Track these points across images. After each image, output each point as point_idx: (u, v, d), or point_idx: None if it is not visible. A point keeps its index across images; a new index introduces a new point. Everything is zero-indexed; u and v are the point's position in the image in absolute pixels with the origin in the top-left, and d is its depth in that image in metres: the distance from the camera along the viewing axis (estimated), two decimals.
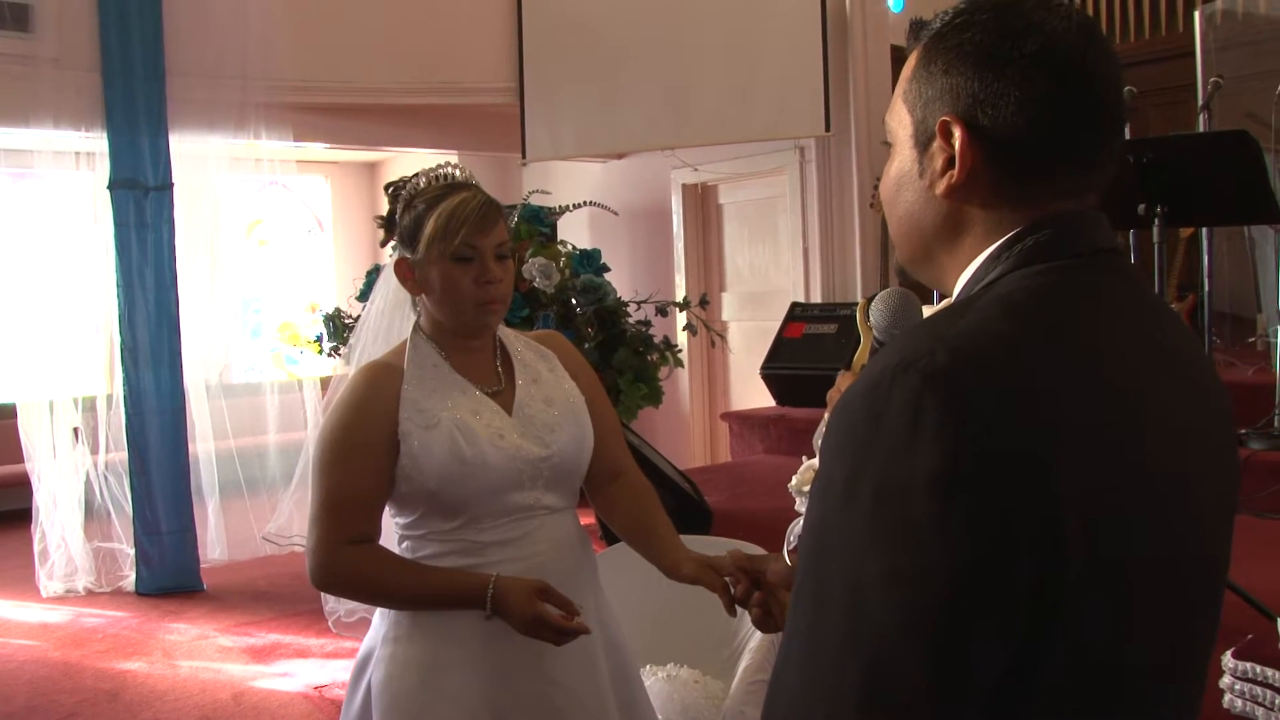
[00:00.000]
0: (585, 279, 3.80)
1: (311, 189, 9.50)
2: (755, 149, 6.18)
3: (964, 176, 0.89)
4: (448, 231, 1.70)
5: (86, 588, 5.57)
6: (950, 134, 0.89)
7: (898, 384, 0.75)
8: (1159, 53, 5.62)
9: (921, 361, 0.75)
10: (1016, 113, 0.86)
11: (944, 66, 0.90)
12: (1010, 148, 0.87)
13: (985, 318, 0.81)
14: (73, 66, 5.25)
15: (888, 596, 0.72)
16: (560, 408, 1.83)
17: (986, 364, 0.76)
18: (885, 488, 0.73)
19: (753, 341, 5.92)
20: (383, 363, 1.79)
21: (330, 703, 3.96)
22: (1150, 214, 3.38)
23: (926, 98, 0.91)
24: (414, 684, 1.71)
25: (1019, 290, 0.84)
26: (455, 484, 1.70)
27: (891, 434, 0.74)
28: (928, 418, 0.73)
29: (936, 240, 0.94)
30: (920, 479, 0.72)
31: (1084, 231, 0.89)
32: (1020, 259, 0.87)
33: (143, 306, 5.43)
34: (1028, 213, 0.89)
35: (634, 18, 5.81)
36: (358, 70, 5.85)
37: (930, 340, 0.78)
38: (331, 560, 1.70)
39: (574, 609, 1.67)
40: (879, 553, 0.72)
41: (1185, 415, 0.86)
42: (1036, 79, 0.86)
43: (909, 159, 0.94)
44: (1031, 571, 0.72)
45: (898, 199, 0.96)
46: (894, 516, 0.72)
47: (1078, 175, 0.90)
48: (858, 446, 0.76)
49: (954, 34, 0.90)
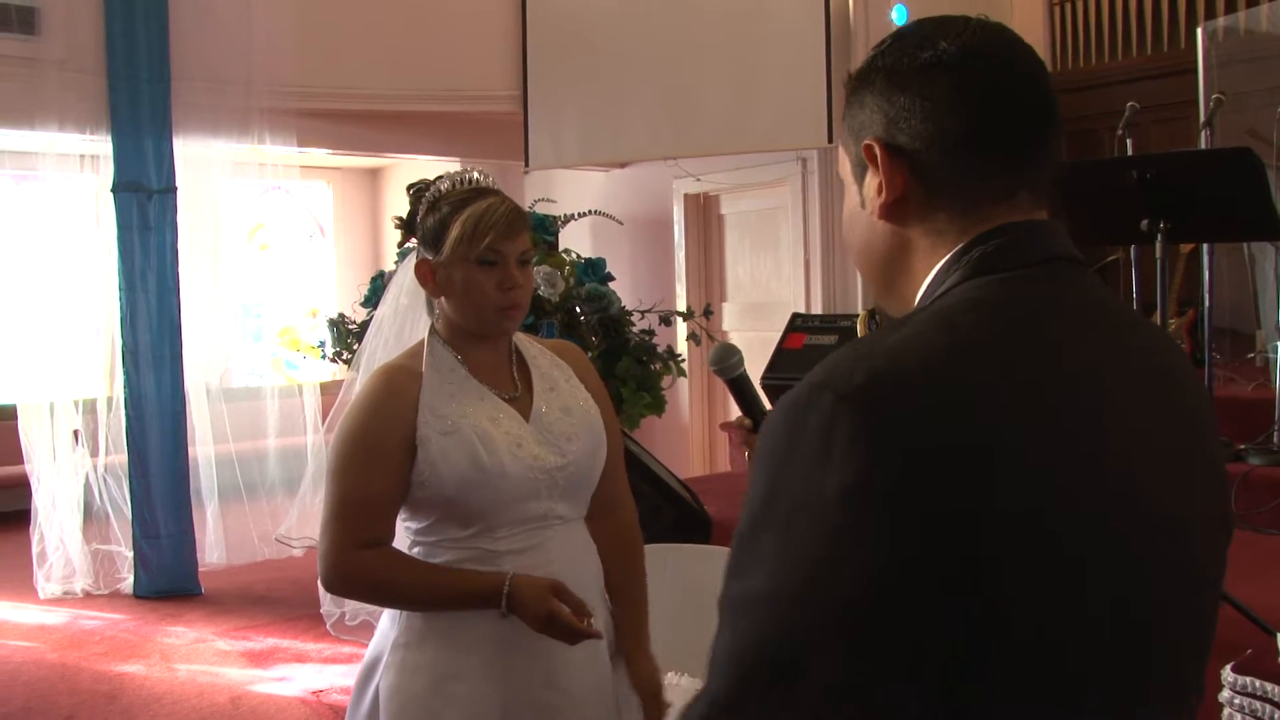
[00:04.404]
0: (590, 288, 3.81)
1: (313, 194, 9.51)
2: (757, 160, 6.19)
3: (892, 195, 0.89)
4: (475, 235, 1.71)
5: (84, 590, 5.56)
6: (875, 157, 0.90)
7: (814, 403, 0.75)
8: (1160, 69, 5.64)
9: (839, 380, 0.75)
10: (926, 121, 0.87)
11: (860, 99, 0.92)
12: (929, 157, 0.88)
13: (916, 333, 0.80)
14: (78, 69, 5.26)
15: (798, 612, 0.72)
16: (577, 417, 1.82)
17: (903, 381, 0.75)
18: (800, 505, 0.73)
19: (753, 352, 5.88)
20: (400, 365, 1.79)
21: (328, 708, 3.96)
22: (1153, 230, 3.39)
23: (855, 131, 0.93)
24: (423, 690, 1.71)
25: (957, 303, 0.84)
26: (473, 491, 1.69)
27: (806, 452, 0.74)
28: (840, 436, 0.73)
29: (890, 267, 0.94)
30: (832, 496, 0.72)
31: (1033, 241, 0.88)
32: (968, 271, 0.86)
33: (144, 309, 5.44)
34: (968, 224, 0.88)
35: (638, 28, 5.83)
36: (362, 76, 5.87)
37: (853, 359, 0.78)
38: (345, 563, 1.70)
39: (586, 611, 1.68)
40: (794, 569, 0.72)
41: (1145, 424, 0.84)
42: (938, 83, 0.87)
43: (852, 196, 0.96)
44: (951, 593, 0.71)
45: (852, 236, 0.98)
46: (808, 534, 0.72)
47: (1006, 175, 0.88)
48: (776, 464, 0.76)
49: (866, 68, 0.93)
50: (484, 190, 1.78)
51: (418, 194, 1.83)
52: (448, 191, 1.78)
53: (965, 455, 0.73)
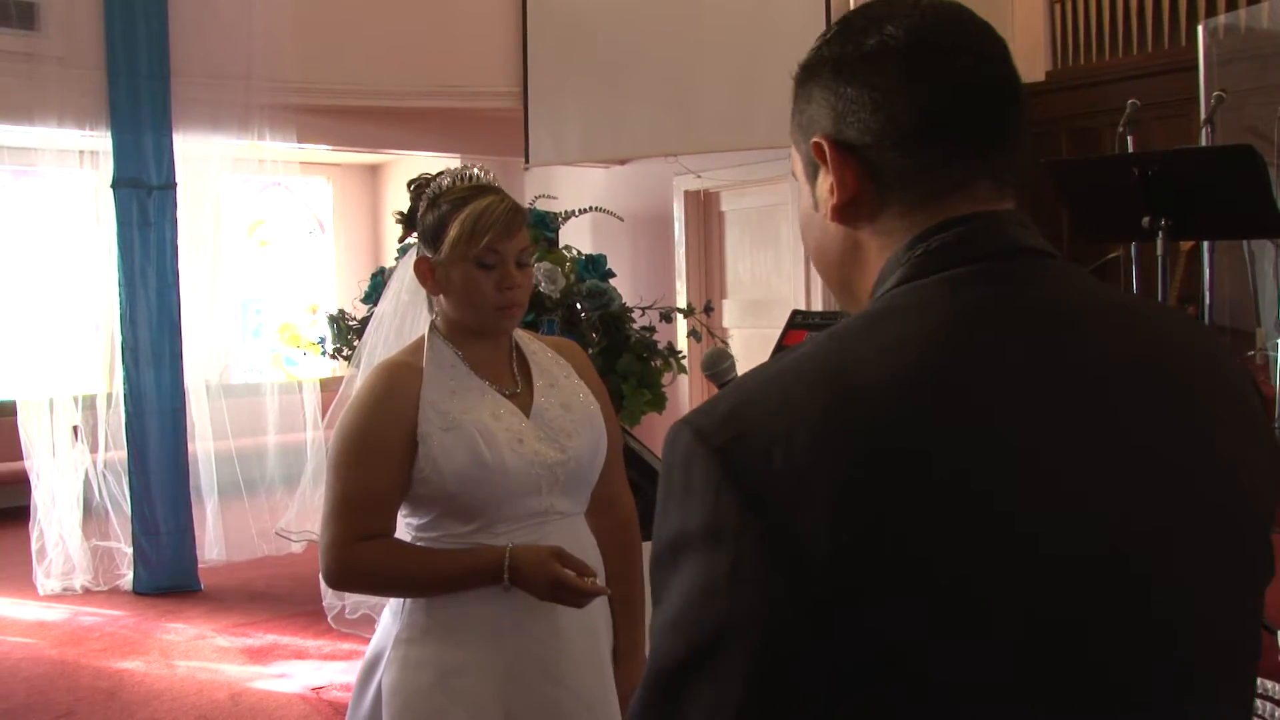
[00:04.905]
0: (591, 284, 3.80)
1: (313, 190, 9.50)
2: (758, 156, 6.18)
3: (844, 195, 0.83)
4: (474, 235, 1.71)
5: (84, 586, 5.56)
6: (824, 155, 0.84)
7: (678, 440, 0.73)
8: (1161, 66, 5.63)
9: (699, 417, 0.73)
10: (875, 112, 0.81)
11: (808, 93, 0.86)
12: (879, 151, 0.81)
13: (802, 354, 0.75)
14: (78, 65, 5.26)
15: (667, 643, 0.72)
16: (577, 413, 1.83)
17: (748, 417, 0.72)
18: (674, 542, 0.73)
19: (753, 349, 5.93)
20: (400, 361, 1.79)
21: (328, 704, 3.96)
22: (1154, 227, 3.39)
23: (803, 128, 0.87)
24: (427, 685, 1.71)
25: (865, 316, 0.79)
26: (474, 487, 1.70)
27: (674, 491, 0.73)
28: (696, 473, 0.71)
29: (845, 270, 0.88)
30: (694, 536, 0.71)
31: (986, 234, 0.80)
32: (907, 272, 0.80)
33: (144, 305, 5.44)
34: (918, 219, 0.81)
35: (639, 24, 5.82)
36: (362, 72, 5.87)
37: (726, 391, 0.76)
38: (346, 556, 1.71)
39: (589, 570, 1.69)
40: (673, 600, 0.72)
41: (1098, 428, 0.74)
42: (885, 70, 0.81)
43: (805, 197, 0.90)
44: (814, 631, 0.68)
45: (808, 239, 0.92)
46: (678, 571, 0.72)
47: (964, 165, 0.81)
48: (659, 502, 0.75)
49: (811, 60, 0.87)
50: (484, 188, 1.77)
51: (418, 190, 1.83)
52: (448, 188, 1.78)
53: (805, 487, 0.68)
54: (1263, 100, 4.70)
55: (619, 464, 1.97)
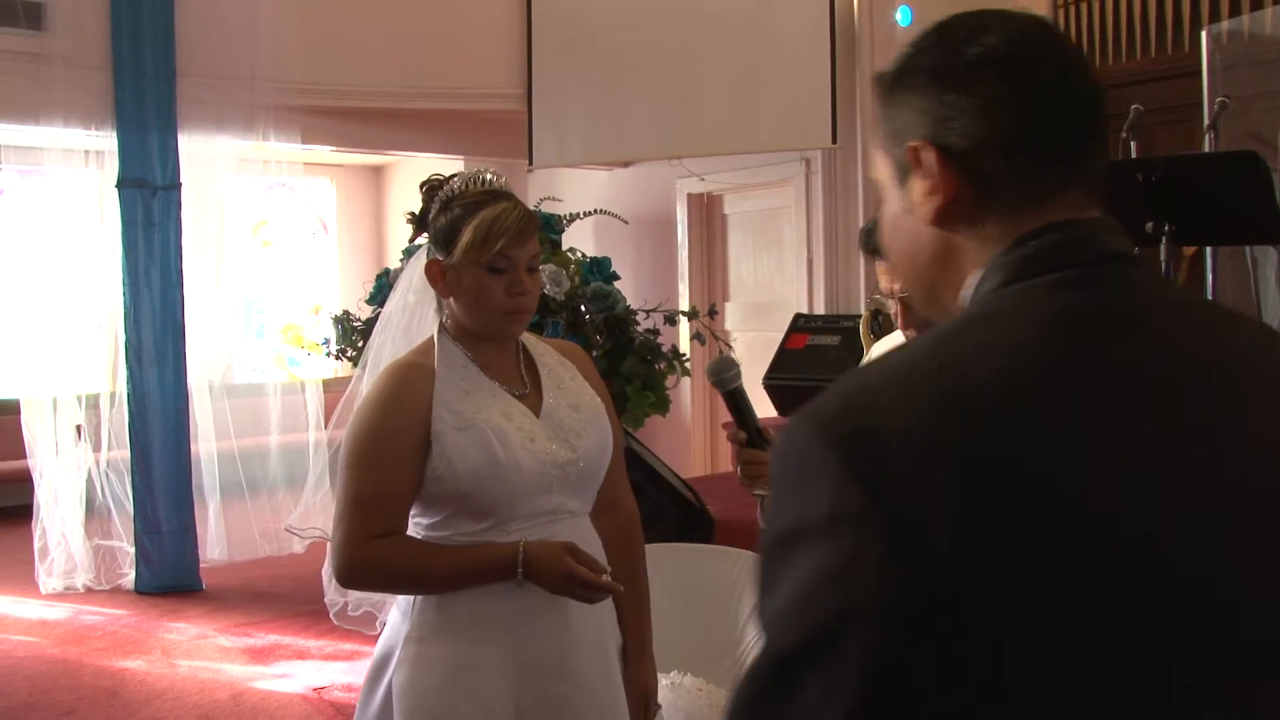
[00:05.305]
0: (595, 286, 3.81)
1: (317, 191, 9.51)
2: (761, 160, 6.19)
3: (945, 198, 0.86)
4: (487, 240, 1.72)
5: (86, 585, 5.57)
6: (920, 159, 0.87)
7: (796, 434, 0.75)
8: (1165, 71, 5.63)
9: (816, 411, 0.75)
10: (977, 119, 0.84)
11: (901, 99, 0.89)
12: (980, 158, 0.84)
13: (910, 354, 0.79)
14: (84, 65, 5.27)
15: (779, 634, 0.73)
16: (585, 413, 1.85)
17: (869, 410, 0.74)
18: (790, 533, 0.74)
19: (755, 352, 5.92)
20: (412, 362, 1.80)
21: (330, 705, 3.97)
22: (1158, 232, 3.39)
23: (896, 133, 0.90)
24: (439, 684, 1.72)
25: (965, 318, 0.82)
26: (488, 486, 1.71)
27: (791, 484, 0.75)
28: (816, 465, 0.73)
29: (936, 273, 0.91)
30: (814, 527, 0.72)
31: (1082, 240, 0.83)
32: (1005, 276, 0.83)
33: (148, 305, 5.45)
34: (1015, 224, 0.84)
35: (643, 27, 5.83)
36: (366, 74, 5.88)
37: (837, 387, 0.78)
38: (359, 555, 1.72)
39: (601, 566, 1.71)
40: (785, 595, 0.73)
41: (1195, 427, 0.76)
42: (988, 79, 0.84)
43: (895, 200, 0.92)
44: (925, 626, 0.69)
45: (895, 242, 0.94)
46: (793, 564, 0.73)
47: (1059, 173, 0.85)
48: (774, 489, 0.77)
49: (904, 67, 0.89)
50: (497, 193, 1.79)
51: (430, 191, 1.84)
52: (461, 192, 1.79)
53: (924, 483, 0.71)
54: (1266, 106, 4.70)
55: (621, 466, 1.99)
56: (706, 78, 5.70)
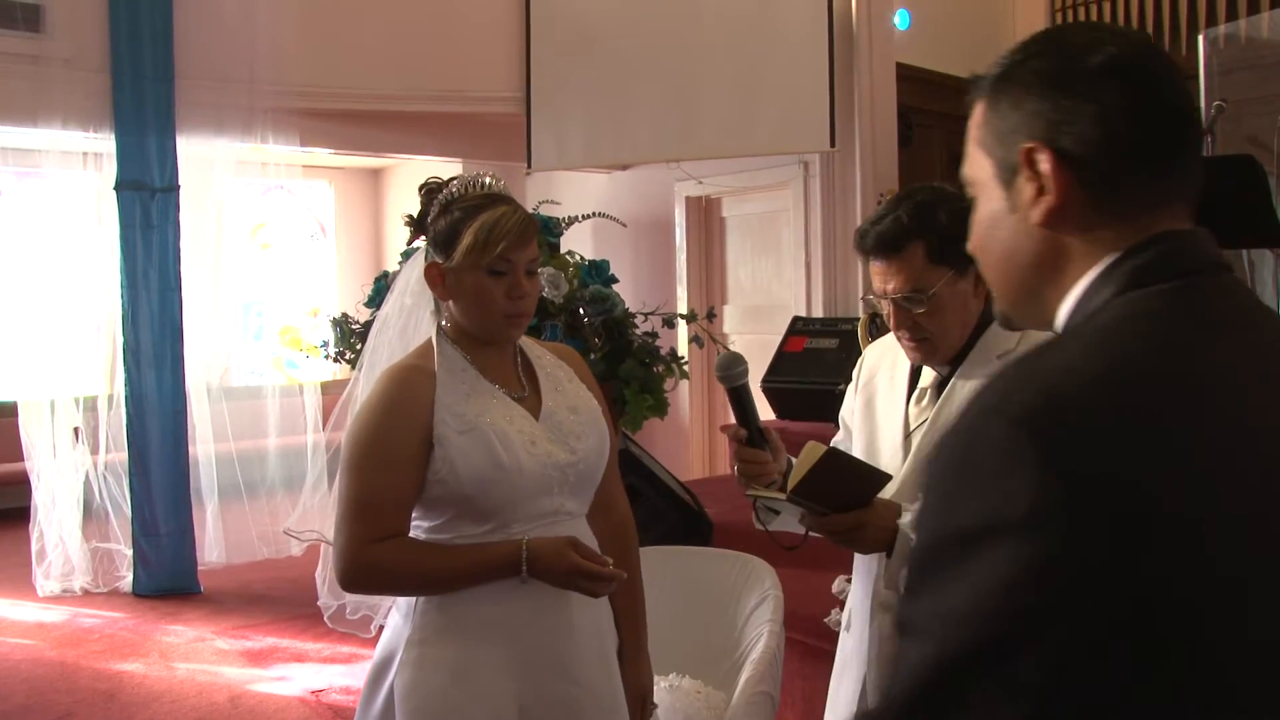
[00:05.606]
0: (594, 289, 3.81)
1: (315, 194, 9.52)
2: (759, 163, 6.20)
3: (1057, 199, 0.88)
4: (487, 244, 1.72)
5: (83, 588, 5.57)
6: (1035, 161, 0.88)
7: (988, 427, 0.75)
8: None
9: (1010, 405, 0.75)
10: (1094, 127, 0.86)
11: (1013, 100, 0.91)
12: (1095, 163, 0.87)
13: (1081, 352, 0.80)
14: (82, 67, 5.27)
15: (959, 633, 0.73)
16: (584, 415, 1.86)
17: (1071, 404, 0.75)
18: (979, 530, 0.73)
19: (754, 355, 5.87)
20: (412, 365, 1.80)
21: (327, 707, 3.97)
22: None
23: (1002, 134, 0.91)
24: (442, 685, 1.72)
25: (1117, 320, 0.83)
26: (490, 488, 1.72)
27: (981, 478, 0.74)
28: (1015, 461, 0.73)
29: (1038, 274, 0.92)
30: (1010, 524, 0.72)
31: (1189, 250, 0.87)
32: (1124, 283, 0.86)
33: (146, 307, 5.45)
34: (1125, 231, 0.87)
35: (642, 30, 5.84)
36: (365, 77, 5.88)
37: (1020, 380, 0.78)
38: (362, 558, 1.72)
39: (603, 559, 1.73)
40: (974, 591, 0.72)
41: None
42: (1108, 90, 0.87)
43: (996, 199, 0.94)
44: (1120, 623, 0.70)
45: (992, 241, 0.95)
46: (988, 559, 0.72)
47: (1164, 183, 0.88)
48: (952, 488, 0.77)
49: (1017, 69, 0.91)
50: (497, 197, 1.79)
51: (430, 194, 1.84)
52: (460, 195, 1.79)
53: (1135, 482, 0.72)
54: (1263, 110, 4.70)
55: (615, 468, 2.00)
56: (705, 81, 5.70)
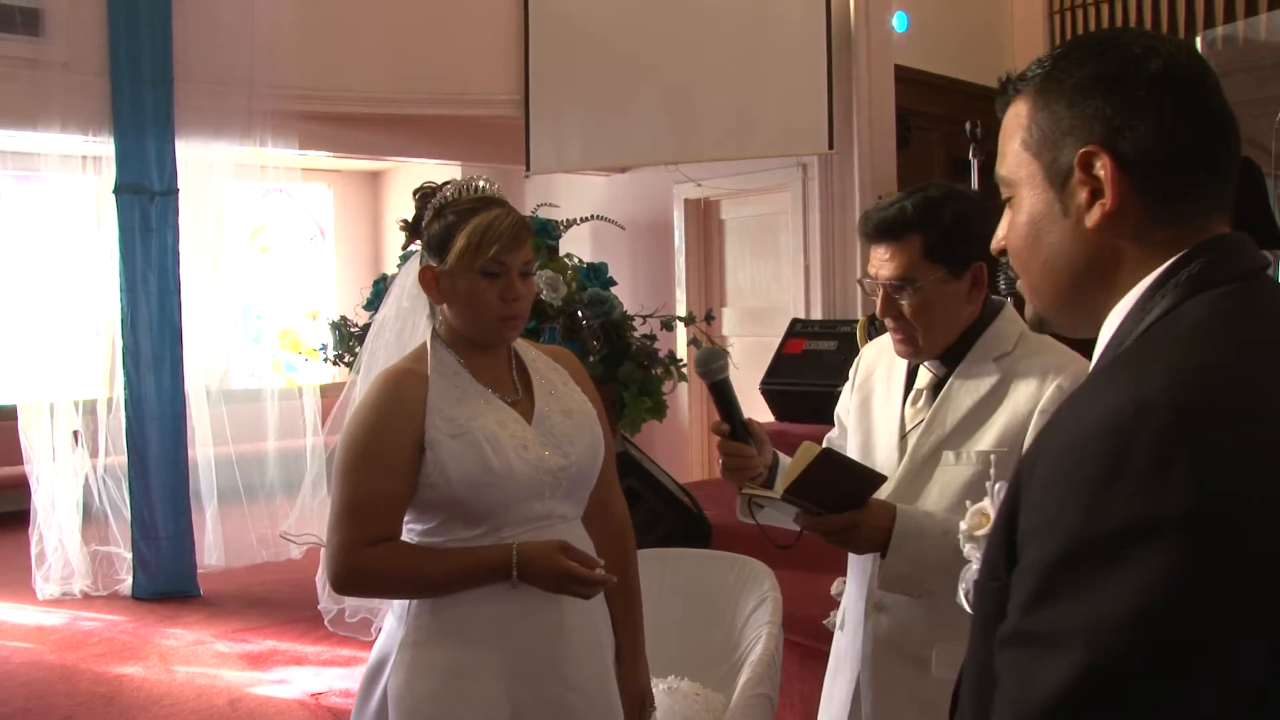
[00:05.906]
0: (593, 292, 3.82)
1: (314, 197, 9.52)
2: (758, 165, 6.20)
3: (1114, 203, 0.88)
4: (480, 247, 1.73)
5: (83, 591, 5.57)
6: (1092, 165, 0.89)
7: (1142, 420, 0.73)
8: None
9: (1161, 400, 0.74)
10: (1152, 133, 0.87)
11: (1067, 102, 0.91)
12: (1153, 169, 0.88)
13: (1197, 348, 0.80)
14: (82, 71, 5.28)
15: (1131, 636, 0.70)
16: (577, 419, 1.86)
17: (1214, 401, 0.74)
18: (1129, 531, 0.71)
19: (752, 357, 5.93)
20: (405, 368, 1.81)
21: (327, 710, 3.97)
22: None
23: (1054, 136, 0.91)
24: (435, 688, 1.73)
25: (1213, 316, 0.83)
26: (482, 492, 1.72)
27: (1135, 475, 0.72)
28: (1168, 460, 0.71)
29: (1089, 277, 0.92)
30: (1169, 520, 0.70)
31: (1239, 255, 0.88)
32: (1187, 288, 0.86)
33: (145, 311, 5.45)
34: (1179, 236, 0.88)
35: (640, 33, 5.84)
36: (364, 80, 5.88)
37: (1160, 376, 0.77)
38: (354, 561, 1.72)
39: (594, 561, 1.73)
40: (1129, 596, 0.70)
41: None
42: (1166, 98, 0.88)
43: (1043, 201, 0.93)
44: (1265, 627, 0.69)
45: (1038, 244, 0.95)
46: (1137, 562, 0.70)
47: (1214, 191, 0.90)
48: (1096, 488, 0.74)
49: (1068, 72, 0.91)
50: (490, 200, 1.80)
51: (424, 198, 1.84)
52: (454, 199, 1.80)
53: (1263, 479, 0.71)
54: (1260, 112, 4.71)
55: (612, 471, 2.00)
56: (703, 84, 5.71)
